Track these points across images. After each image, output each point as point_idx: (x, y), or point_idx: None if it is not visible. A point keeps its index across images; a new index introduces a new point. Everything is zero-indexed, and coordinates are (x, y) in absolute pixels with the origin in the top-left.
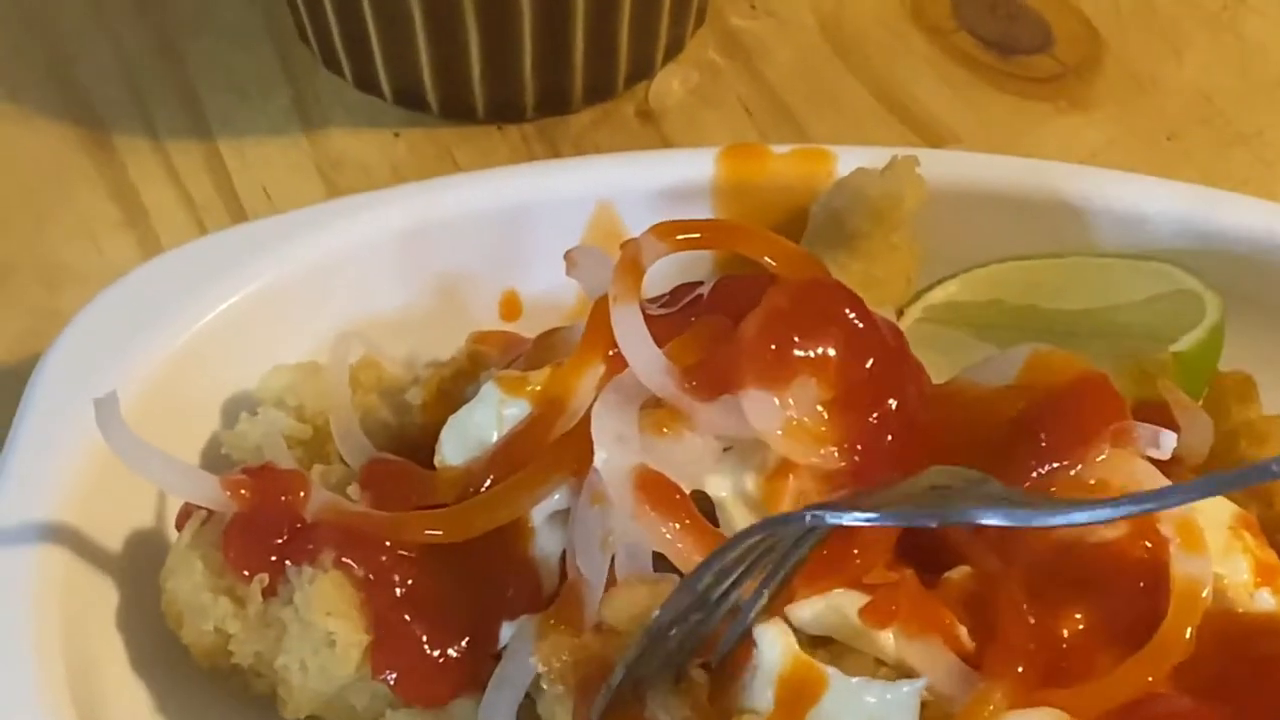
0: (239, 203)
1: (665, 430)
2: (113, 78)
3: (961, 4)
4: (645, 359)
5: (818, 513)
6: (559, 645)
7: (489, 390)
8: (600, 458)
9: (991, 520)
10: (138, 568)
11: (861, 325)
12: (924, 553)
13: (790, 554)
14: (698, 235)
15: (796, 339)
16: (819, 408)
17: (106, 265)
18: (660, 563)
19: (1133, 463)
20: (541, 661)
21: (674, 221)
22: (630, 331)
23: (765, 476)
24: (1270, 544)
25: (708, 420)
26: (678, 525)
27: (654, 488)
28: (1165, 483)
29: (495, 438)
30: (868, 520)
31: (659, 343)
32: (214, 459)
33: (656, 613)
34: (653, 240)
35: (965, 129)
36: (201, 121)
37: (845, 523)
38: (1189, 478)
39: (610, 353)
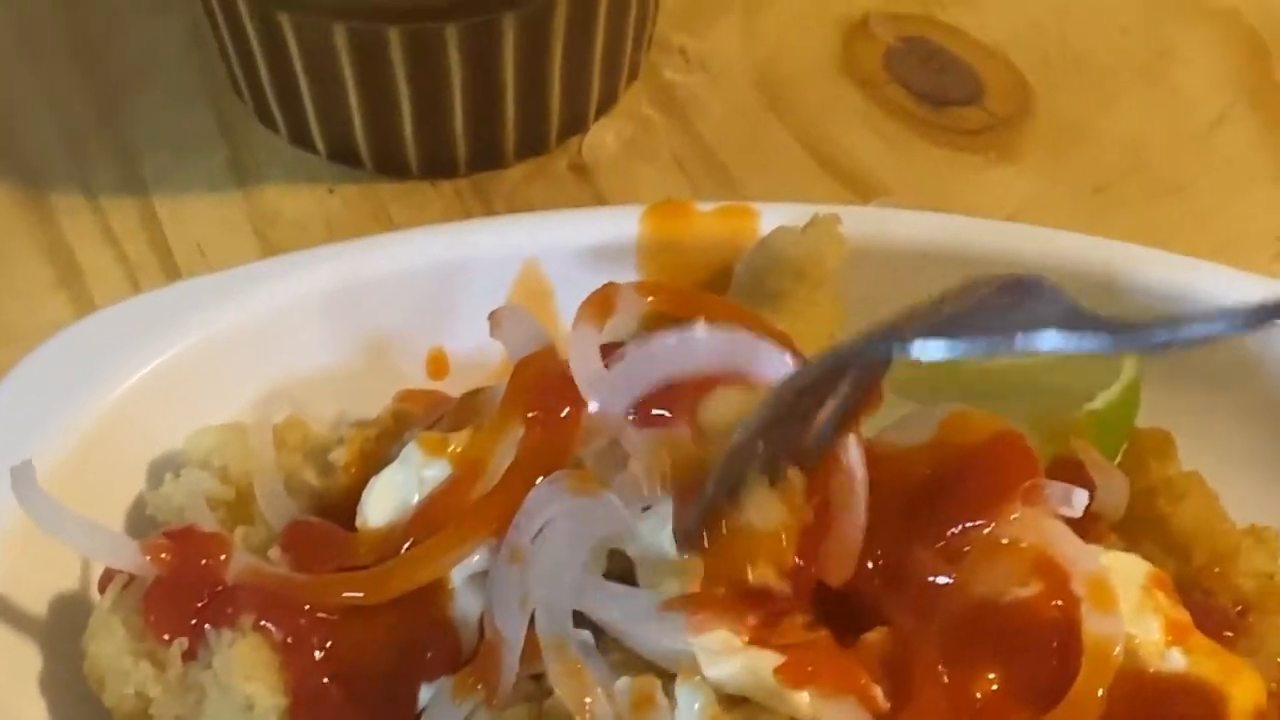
0: (174, 261)
1: (585, 489)
2: (50, 136)
3: (893, 57)
4: (590, 375)
5: (896, 343)
6: (658, 448)
7: (410, 451)
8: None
9: (1063, 344)
10: (62, 630)
11: None
12: (842, 612)
13: (864, 379)
14: (676, 300)
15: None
16: None
17: (41, 325)
18: (579, 620)
19: (1045, 521)
20: (646, 473)
21: (658, 282)
22: (583, 349)
23: None
24: (1187, 601)
25: (636, 445)
26: None
27: None
28: (1077, 541)
29: (416, 499)
30: (949, 352)
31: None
32: (140, 519)
33: (749, 421)
34: (633, 292)
35: (896, 181)
36: (138, 179)
37: (927, 355)
38: (1109, 535)
39: (530, 415)
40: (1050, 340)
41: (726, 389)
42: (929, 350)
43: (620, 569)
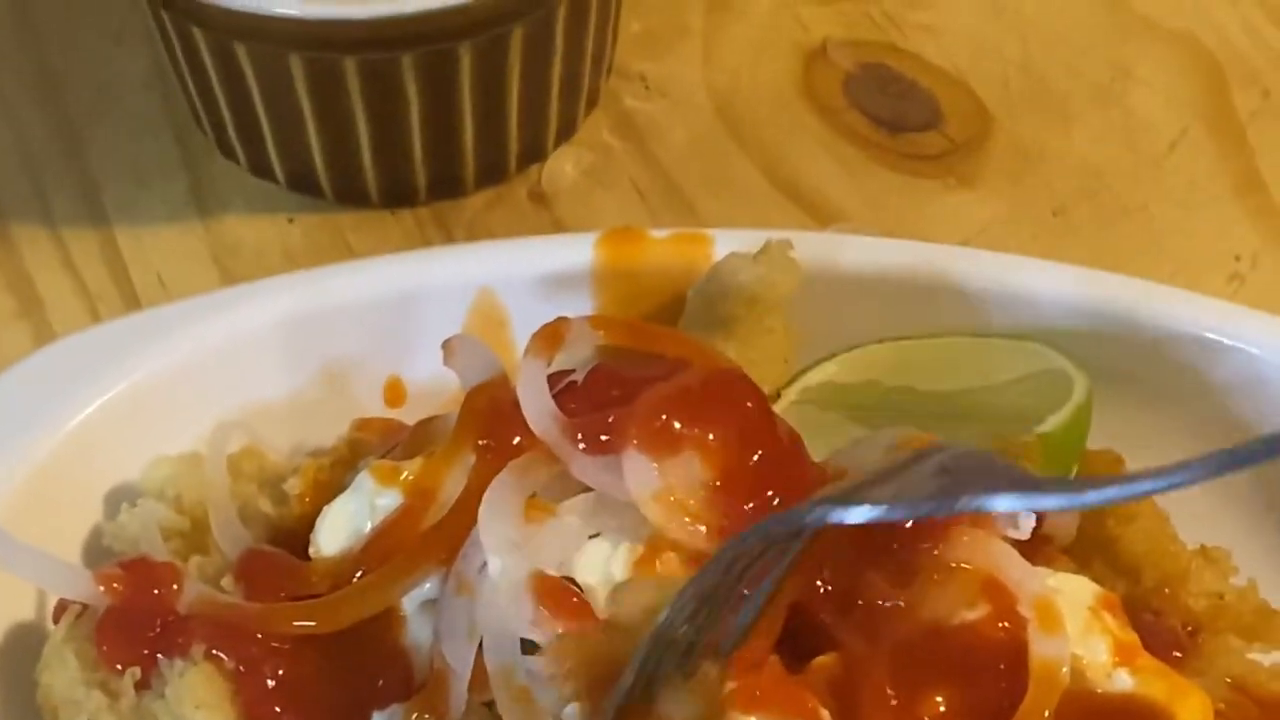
0: (134, 291)
1: (535, 518)
2: (11, 166)
3: (852, 83)
4: (538, 407)
5: (820, 508)
6: (566, 646)
7: (363, 480)
8: (494, 566)
9: (1004, 505)
10: (16, 661)
11: (759, 420)
12: (790, 637)
13: (789, 548)
14: (627, 333)
15: (690, 417)
16: (699, 487)
17: (0, 355)
18: (527, 647)
19: (991, 543)
20: (549, 664)
21: (609, 316)
22: (530, 380)
23: (633, 561)
24: (1137, 622)
25: (584, 471)
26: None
27: (553, 594)
28: (1023, 563)
29: (368, 527)
30: (875, 516)
31: None
32: (97, 549)
33: (665, 613)
34: (584, 325)
35: (855, 207)
36: (99, 210)
37: (850, 520)
38: (1059, 558)
39: (481, 443)
40: (1004, 503)
41: (639, 581)
42: (851, 517)
43: None
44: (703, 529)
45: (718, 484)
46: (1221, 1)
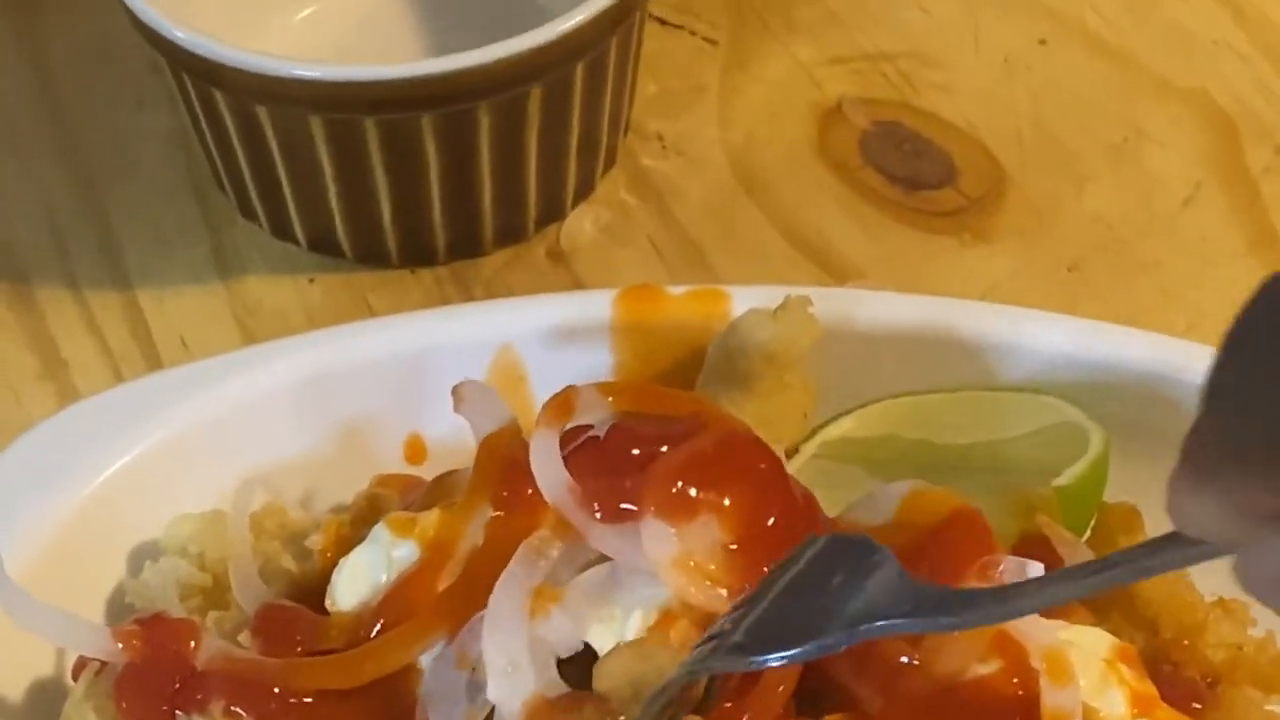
0: (156, 352)
1: (543, 608)
2: (36, 230)
3: (868, 141)
4: (552, 479)
5: (700, 665)
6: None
7: (379, 531)
8: (492, 690)
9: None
10: (37, 718)
11: (774, 481)
12: (804, 694)
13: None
14: (637, 398)
15: (706, 481)
16: (717, 551)
17: (25, 416)
18: None
19: None
20: None
21: (619, 383)
22: (543, 451)
23: (648, 627)
24: (1155, 673)
25: (602, 541)
26: None
27: None
28: (1035, 617)
29: (385, 579)
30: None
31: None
32: (120, 607)
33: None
34: (594, 393)
35: (871, 264)
36: (122, 272)
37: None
38: (1077, 610)
39: (496, 495)
40: (896, 627)
41: (620, 652)
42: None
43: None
44: (723, 592)
45: (735, 547)
46: (1233, 58)
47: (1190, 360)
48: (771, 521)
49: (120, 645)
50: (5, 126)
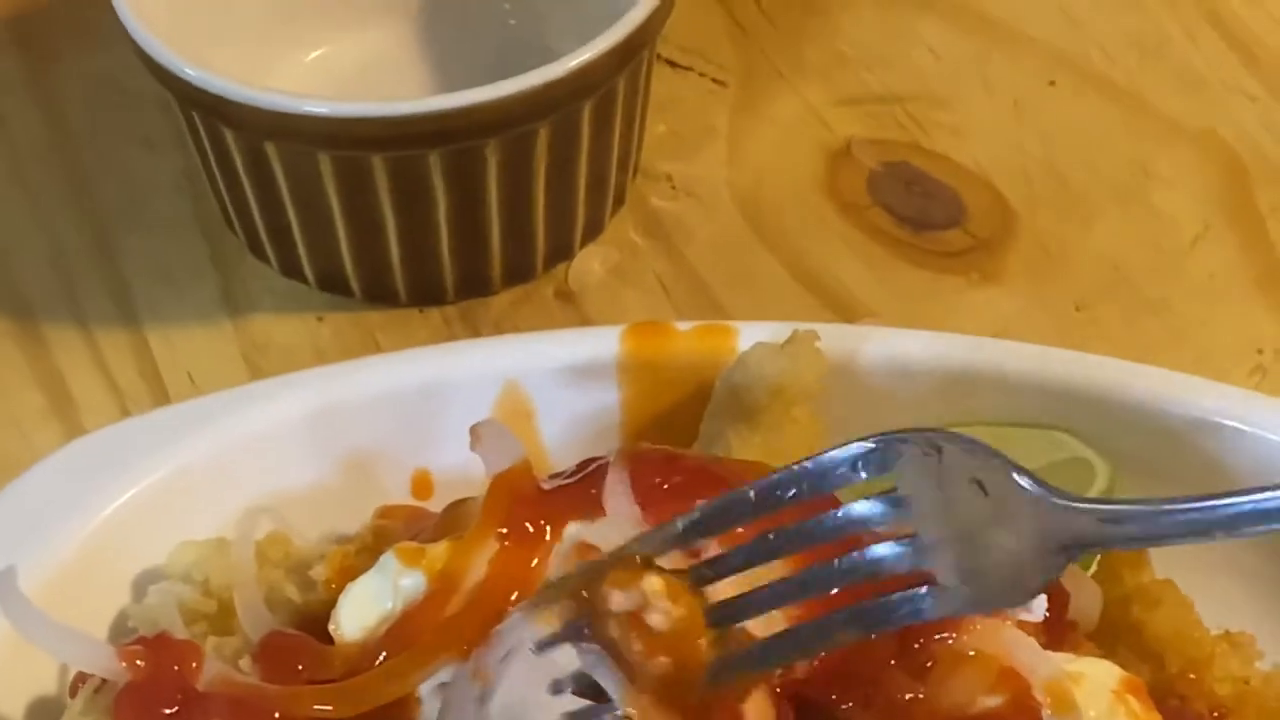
0: (164, 389)
1: None
2: (45, 269)
3: (876, 181)
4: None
5: None
6: None
7: (387, 560)
8: None
9: None
10: None
11: None
12: None
13: None
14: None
15: None
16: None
17: (33, 452)
18: None
19: (1003, 629)
20: None
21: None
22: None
23: None
24: (1163, 707)
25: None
26: None
27: None
28: (1035, 647)
29: (390, 607)
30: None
31: (563, 514)
32: (123, 632)
33: None
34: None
35: (880, 303)
36: (130, 311)
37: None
38: (1085, 643)
39: (502, 530)
40: None
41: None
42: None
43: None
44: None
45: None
46: (1242, 99)
47: (1197, 397)
48: None
49: (123, 663)
50: (15, 165)
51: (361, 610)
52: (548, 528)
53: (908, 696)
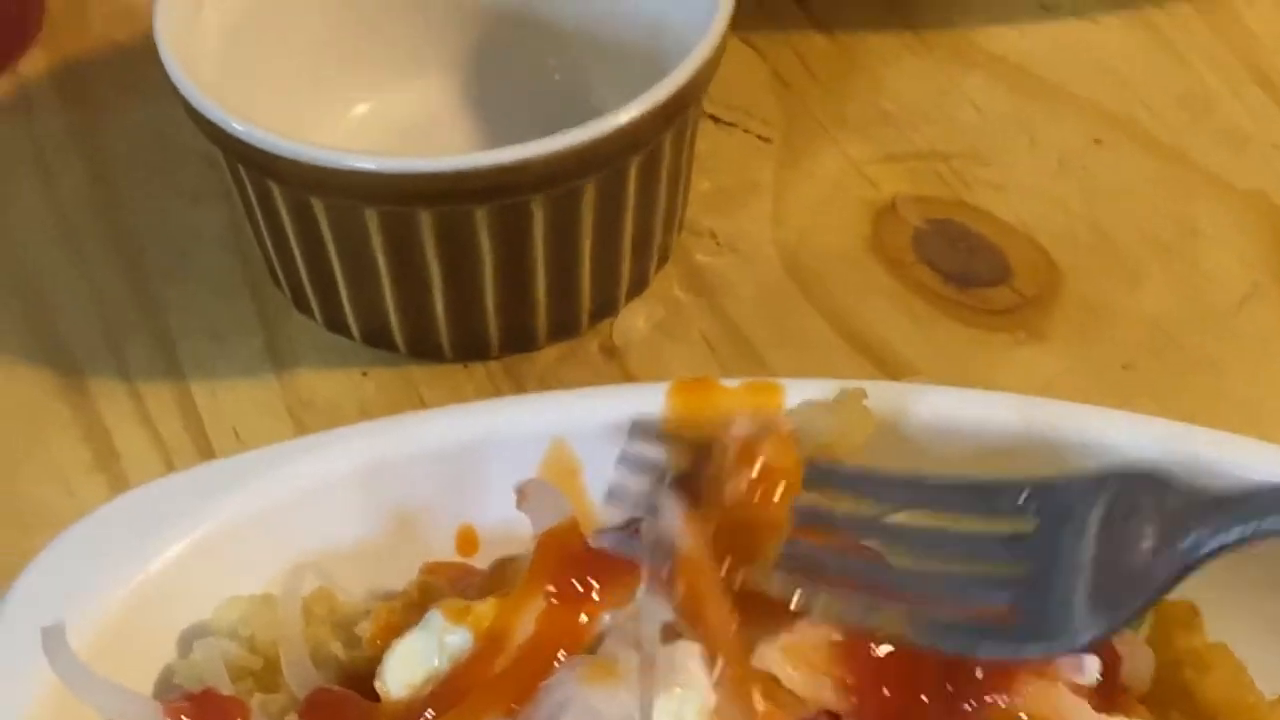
0: (209, 444)
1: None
2: (91, 325)
3: (921, 238)
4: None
5: None
6: None
7: (432, 617)
8: None
9: None
10: None
11: None
12: None
13: None
14: None
15: None
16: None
17: (78, 507)
18: None
19: (1055, 691)
20: None
21: None
22: None
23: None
24: None
25: None
26: None
27: None
28: (1087, 710)
29: (436, 663)
30: None
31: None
32: (169, 688)
33: None
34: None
35: (925, 361)
36: (175, 366)
37: None
38: (1137, 707)
39: (550, 588)
40: None
41: None
42: None
43: None
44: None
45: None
46: None
47: (1247, 457)
48: None
49: (169, 719)
50: (60, 220)
51: (408, 668)
52: (596, 586)
53: None
